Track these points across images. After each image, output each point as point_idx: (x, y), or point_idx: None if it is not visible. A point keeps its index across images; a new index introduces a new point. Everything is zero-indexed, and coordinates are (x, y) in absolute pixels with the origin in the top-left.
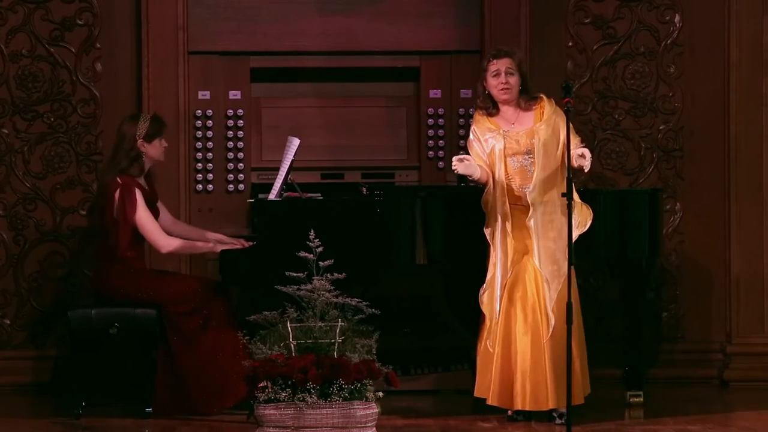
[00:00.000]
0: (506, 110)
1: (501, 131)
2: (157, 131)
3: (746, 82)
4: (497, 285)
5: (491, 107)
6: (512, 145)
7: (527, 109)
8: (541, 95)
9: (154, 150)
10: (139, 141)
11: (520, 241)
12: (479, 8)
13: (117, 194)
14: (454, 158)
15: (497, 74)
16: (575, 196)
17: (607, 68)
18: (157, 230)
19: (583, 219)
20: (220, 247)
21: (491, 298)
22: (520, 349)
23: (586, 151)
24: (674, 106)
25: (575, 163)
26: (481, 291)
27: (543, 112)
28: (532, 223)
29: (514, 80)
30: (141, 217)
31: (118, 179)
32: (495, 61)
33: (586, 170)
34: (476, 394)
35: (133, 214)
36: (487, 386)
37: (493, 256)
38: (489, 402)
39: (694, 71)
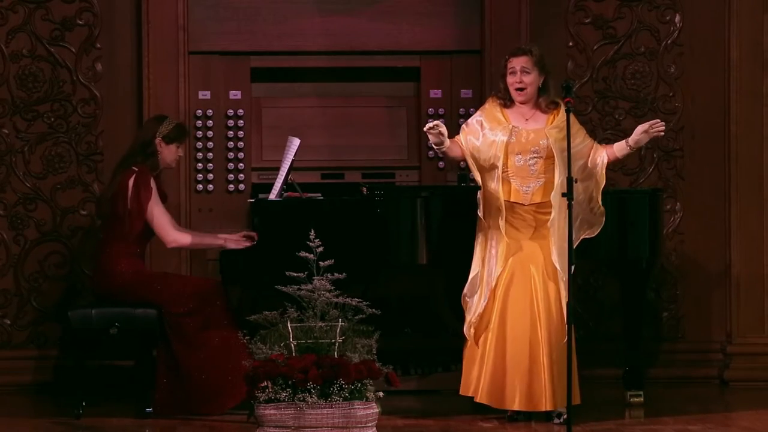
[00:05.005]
0: (522, 107)
1: (510, 126)
2: (178, 137)
3: (746, 82)
4: (485, 283)
5: (508, 99)
6: (519, 142)
7: (546, 111)
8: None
9: (169, 153)
10: (158, 139)
11: (514, 239)
12: (479, 8)
13: (131, 181)
14: (431, 124)
15: (513, 72)
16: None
17: (608, 68)
18: (167, 222)
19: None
20: (230, 244)
21: (479, 296)
22: (516, 349)
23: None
24: (674, 106)
25: (644, 141)
26: (465, 290)
27: (556, 118)
28: (553, 224)
29: (529, 79)
30: (153, 206)
31: (134, 167)
32: (512, 59)
33: (656, 129)
34: (461, 392)
35: (147, 200)
36: (473, 384)
37: (481, 251)
38: (477, 400)
39: (694, 71)
